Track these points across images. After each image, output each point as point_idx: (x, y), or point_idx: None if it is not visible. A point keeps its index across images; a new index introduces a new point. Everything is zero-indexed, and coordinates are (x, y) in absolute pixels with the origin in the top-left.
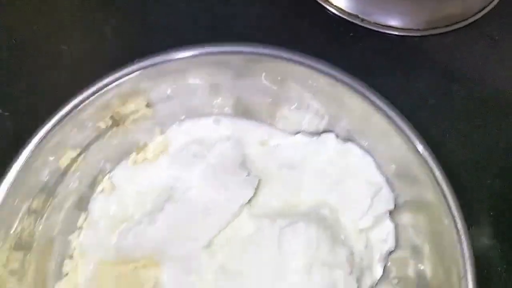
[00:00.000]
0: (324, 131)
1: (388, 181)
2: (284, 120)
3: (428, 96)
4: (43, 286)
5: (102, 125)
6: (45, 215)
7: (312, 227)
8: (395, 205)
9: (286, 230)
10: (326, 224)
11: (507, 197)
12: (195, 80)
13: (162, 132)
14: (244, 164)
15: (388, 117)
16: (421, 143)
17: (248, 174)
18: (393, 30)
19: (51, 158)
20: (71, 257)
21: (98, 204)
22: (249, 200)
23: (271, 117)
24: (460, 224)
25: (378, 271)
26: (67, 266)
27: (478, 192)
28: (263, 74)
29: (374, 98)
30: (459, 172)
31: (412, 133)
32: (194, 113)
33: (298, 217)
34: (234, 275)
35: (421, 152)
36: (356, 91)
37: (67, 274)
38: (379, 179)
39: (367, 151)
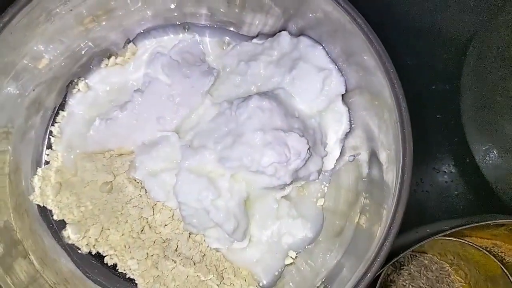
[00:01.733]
0: (280, 31)
1: (338, 67)
2: (247, 26)
3: None
4: (22, 175)
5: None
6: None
7: (265, 100)
8: (346, 89)
9: (242, 104)
10: (279, 100)
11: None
12: None
13: (130, 41)
14: (204, 59)
15: (342, 11)
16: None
17: (208, 67)
18: None
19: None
20: (51, 147)
21: (75, 101)
22: (211, 92)
23: (237, 24)
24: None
25: (336, 151)
26: (48, 155)
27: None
28: None
29: None
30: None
31: (358, 19)
32: (160, 21)
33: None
34: (199, 149)
35: (367, 38)
36: None
37: (48, 162)
38: (329, 65)
39: (318, 41)
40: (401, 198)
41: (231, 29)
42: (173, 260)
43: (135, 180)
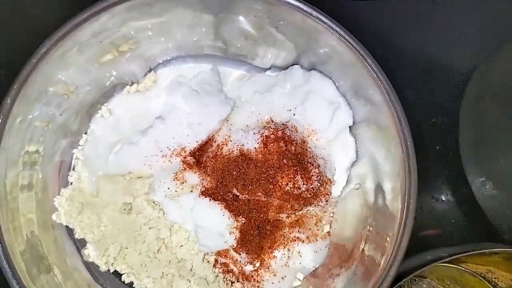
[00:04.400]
0: (292, 64)
1: (347, 100)
2: (261, 58)
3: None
4: (49, 194)
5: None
6: (49, 135)
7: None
8: (353, 121)
9: (256, 134)
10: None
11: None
12: (181, 17)
13: (151, 69)
14: (221, 89)
15: (352, 49)
16: (375, 66)
17: (226, 97)
18: None
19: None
20: (74, 169)
21: (98, 125)
22: (228, 119)
23: (250, 56)
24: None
25: (343, 179)
26: (72, 176)
27: None
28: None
29: (337, 29)
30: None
31: (367, 58)
32: (180, 52)
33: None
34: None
35: (375, 76)
36: (325, 25)
37: (71, 183)
38: (338, 98)
39: (328, 76)
40: (406, 228)
41: (246, 61)
42: (187, 280)
43: (154, 202)
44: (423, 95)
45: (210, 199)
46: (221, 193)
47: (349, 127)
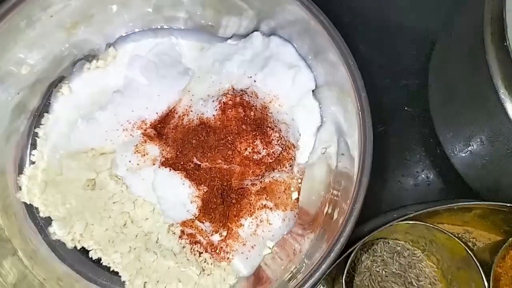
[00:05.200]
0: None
1: (308, 64)
2: (223, 28)
3: None
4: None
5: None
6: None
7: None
8: (316, 85)
9: (214, 101)
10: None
11: None
12: None
13: (111, 45)
14: (180, 60)
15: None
16: (328, 24)
17: (184, 67)
18: None
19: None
20: (36, 148)
21: (58, 103)
22: (189, 90)
23: (215, 27)
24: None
25: (309, 144)
26: (34, 155)
27: None
28: None
29: None
30: None
31: (323, 19)
32: (139, 25)
33: None
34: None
35: (329, 35)
36: None
37: (34, 162)
38: (299, 62)
39: (288, 40)
40: (362, 183)
41: (207, 31)
42: (154, 252)
43: (117, 177)
44: (391, 58)
45: (170, 169)
46: (181, 163)
47: (312, 91)
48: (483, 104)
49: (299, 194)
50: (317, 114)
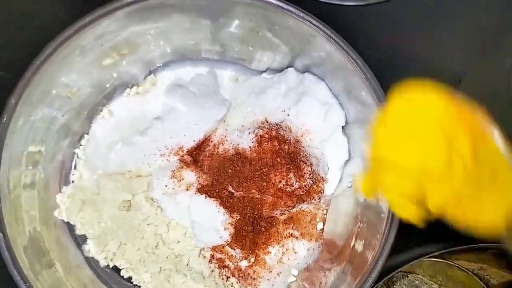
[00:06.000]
0: (287, 67)
1: (339, 101)
2: (257, 62)
3: None
4: (51, 192)
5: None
6: (51, 136)
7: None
8: (346, 121)
9: (251, 133)
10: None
11: None
12: (179, 22)
13: (151, 72)
14: (218, 91)
15: (343, 52)
16: (364, 68)
17: (222, 98)
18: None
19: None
20: (75, 168)
21: (99, 126)
22: (224, 120)
23: (247, 60)
24: None
25: (336, 177)
26: (74, 175)
27: None
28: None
29: (329, 33)
30: None
31: (357, 60)
32: (178, 55)
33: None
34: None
35: (365, 78)
36: (318, 30)
37: (73, 181)
38: (331, 99)
39: (321, 78)
40: (393, 222)
41: (243, 64)
42: (184, 274)
43: (152, 200)
44: None
45: (206, 196)
46: (217, 191)
47: (342, 127)
48: None
49: (324, 225)
50: (345, 149)
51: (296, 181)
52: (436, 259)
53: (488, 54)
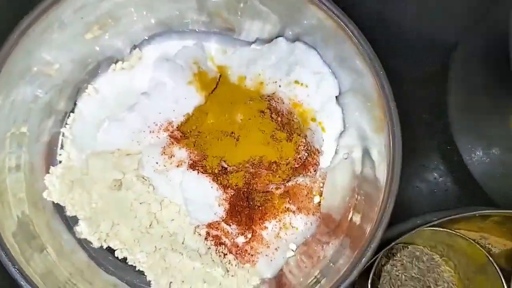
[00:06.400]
0: (277, 37)
1: (332, 70)
2: (246, 32)
3: None
4: (38, 173)
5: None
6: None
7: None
8: (339, 91)
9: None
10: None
11: None
12: None
13: (136, 46)
14: (206, 63)
15: (335, 18)
16: (358, 34)
17: (210, 71)
18: None
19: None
20: (63, 148)
21: (85, 104)
22: (213, 93)
23: (237, 29)
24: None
25: (331, 149)
26: (61, 155)
27: None
28: None
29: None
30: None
31: (350, 26)
32: (164, 27)
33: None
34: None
35: (358, 43)
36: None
37: (61, 161)
38: (323, 68)
39: (312, 46)
40: (391, 191)
41: (231, 35)
42: (180, 253)
43: (143, 178)
44: (410, 66)
45: (198, 172)
46: (209, 166)
47: (336, 97)
48: (502, 114)
49: (321, 198)
50: (339, 120)
51: (290, 154)
52: (436, 228)
53: (482, 19)
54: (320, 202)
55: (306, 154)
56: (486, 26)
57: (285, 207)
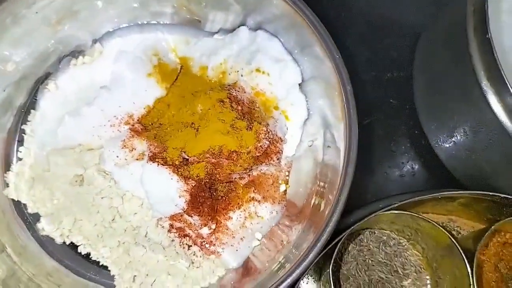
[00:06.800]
0: (239, 26)
1: (294, 58)
2: (210, 23)
3: None
4: None
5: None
6: None
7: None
8: (302, 79)
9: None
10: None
11: None
12: None
13: (97, 41)
14: (167, 55)
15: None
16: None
17: (171, 63)
18: None
19: None
20: (23, 144)
21: (45, 100)
22: (175, 84)
23: (202, 21)
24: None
25: (296, 137)
26: (21, 152)
27: None
28: None
29: None
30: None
31: (307, 12)
32: (125, 20)
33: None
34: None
35: (314, 29)
36: None
37: (21, 159)
38: (285, 56)
39: (274, 34)
40: (348, 174)
41: (194, 26)
42: (143, 246)
43: (105, 172)
44: (377, 52)
45: (158, 164)
46: (169, 158)
47: (299, 84)
48: (466, 96)
49: (286, 187)
50: (303, 108)
51: (250, 142)
52: (398, 211)
53: (445, 3)
54: (286, 190)
55: (268, 142)
56: (448, 11)
57: (250, 196)
